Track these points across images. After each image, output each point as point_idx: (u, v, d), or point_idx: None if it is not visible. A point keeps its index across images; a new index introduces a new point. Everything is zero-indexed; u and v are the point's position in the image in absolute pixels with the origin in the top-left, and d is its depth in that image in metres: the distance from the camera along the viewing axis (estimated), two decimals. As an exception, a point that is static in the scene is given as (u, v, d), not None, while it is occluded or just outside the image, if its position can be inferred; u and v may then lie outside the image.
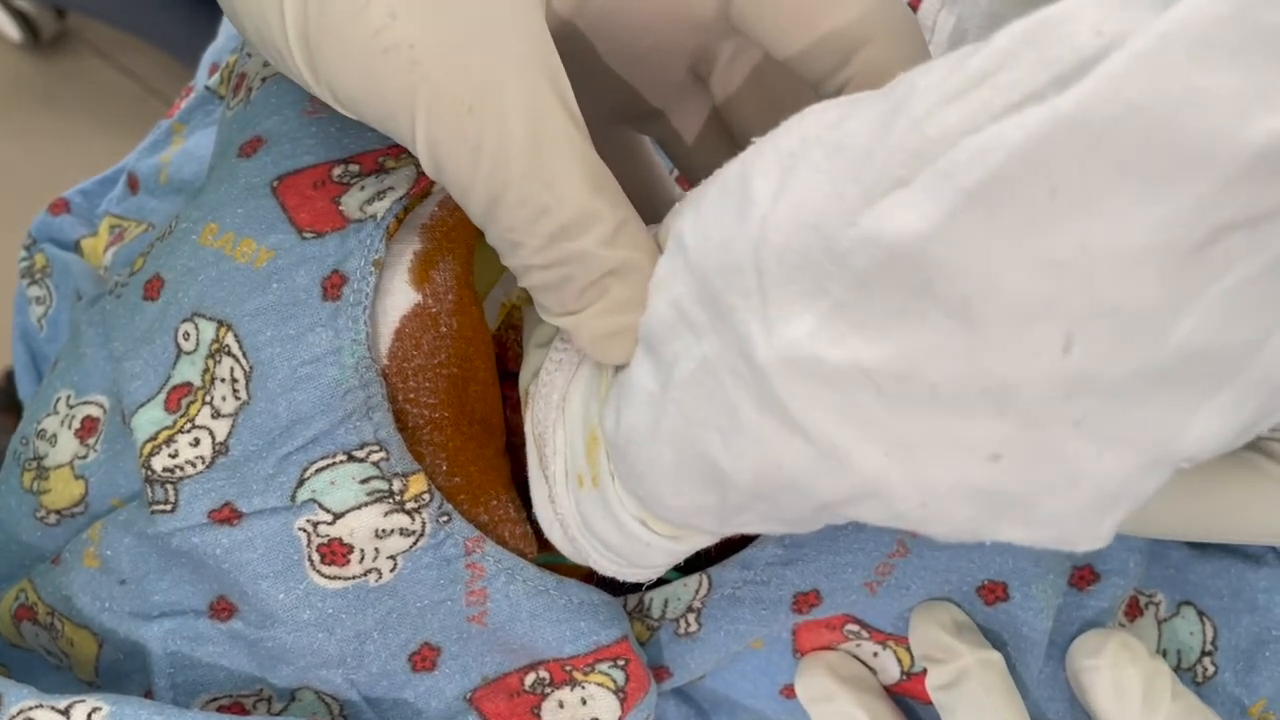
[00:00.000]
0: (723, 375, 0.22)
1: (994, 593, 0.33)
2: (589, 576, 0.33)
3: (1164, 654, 0.36)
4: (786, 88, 0.31)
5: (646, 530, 0.28)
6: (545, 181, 0.24)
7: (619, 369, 0.27)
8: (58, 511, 0.36)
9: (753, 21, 0.27)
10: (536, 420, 0.30)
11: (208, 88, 0.45)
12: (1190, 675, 0.36)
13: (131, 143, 0.50)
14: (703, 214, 0.23)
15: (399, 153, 0.33)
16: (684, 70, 0.31)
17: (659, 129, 0.34)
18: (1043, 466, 0.20)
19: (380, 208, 0.32)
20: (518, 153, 0.24)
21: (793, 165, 0.21)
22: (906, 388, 0.20)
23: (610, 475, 0.28)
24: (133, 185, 0.46)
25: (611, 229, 0.25)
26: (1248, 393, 0.19)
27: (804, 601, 0.33)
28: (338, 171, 0.33)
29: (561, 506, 0.30)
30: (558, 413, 0.29)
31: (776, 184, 0.21)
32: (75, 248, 0.45)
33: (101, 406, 0.36)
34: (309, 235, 0.32)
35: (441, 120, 0.24)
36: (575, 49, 0.29)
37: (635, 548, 0.29)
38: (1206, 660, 0.36)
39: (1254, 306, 0.18)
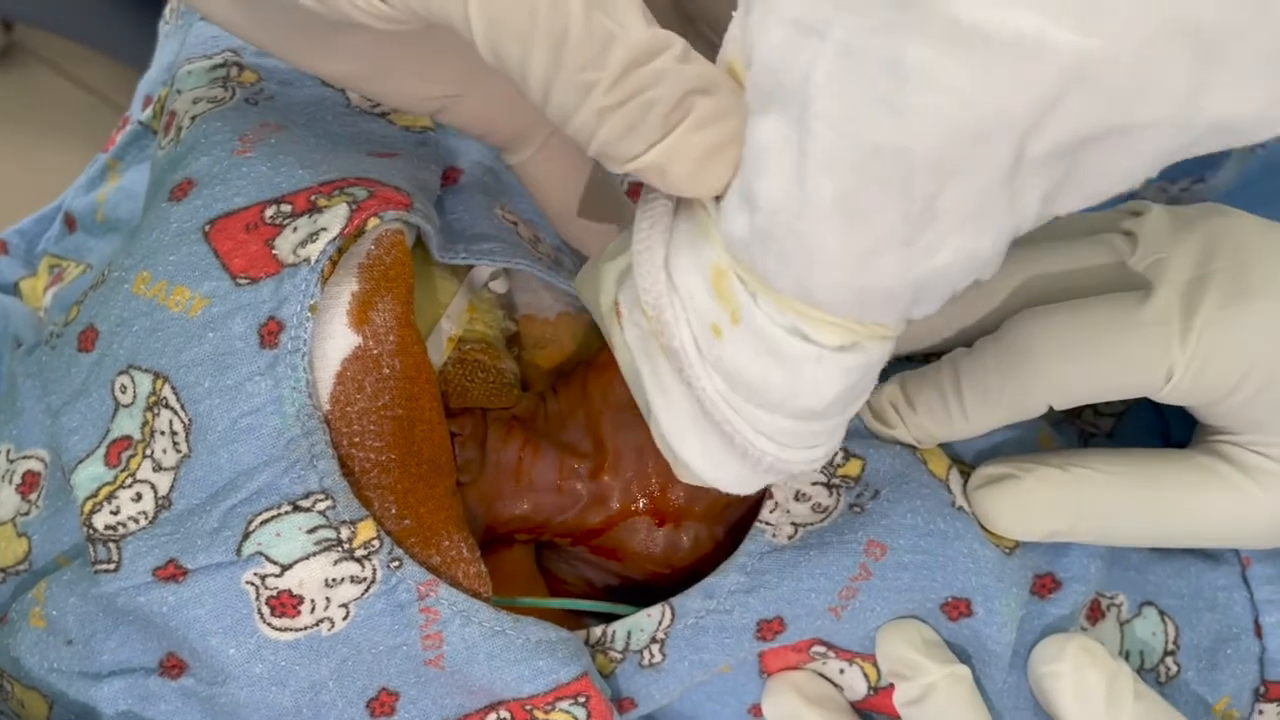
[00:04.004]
0: (870, 42, 0.21)
1: (958, 609, 0.33)
2: (546, 616, 0.33)
3: (1126, 655, 0.36)
4: None
5: (807, 344, 0.25)
6: (606, 10, 0.23)
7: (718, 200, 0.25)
8: (2, 570, 0.35)
9: None
10: (646, 297, 0.27)
11: (140, 122, 0.44)
12: (1153, 675, 0.36)
13: (87, 152, 0.49)
14: None
15: (330, 190, 0.32)
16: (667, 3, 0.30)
17: None
18: None
19: (314, 250, 0.31)
20: None
21: None
22: None
23: (750, 297, 0.25)
24: (70, 224, 0.45)
25: (682, 47, 0.24)
26: None
27: (768, 629, 0.33)
28: (270, 212, 0.32)
29: (700, 382, 0.26)
30: (665, 274, 0.27)
31: None
32: (14, 290, 0.44)
33: (42, 461, 0.35)
34: (243, 281, 0.31)
35: None
36: None
37: (797, 384, 0.26)
38: (1169, 660, 0.36)
39: None
